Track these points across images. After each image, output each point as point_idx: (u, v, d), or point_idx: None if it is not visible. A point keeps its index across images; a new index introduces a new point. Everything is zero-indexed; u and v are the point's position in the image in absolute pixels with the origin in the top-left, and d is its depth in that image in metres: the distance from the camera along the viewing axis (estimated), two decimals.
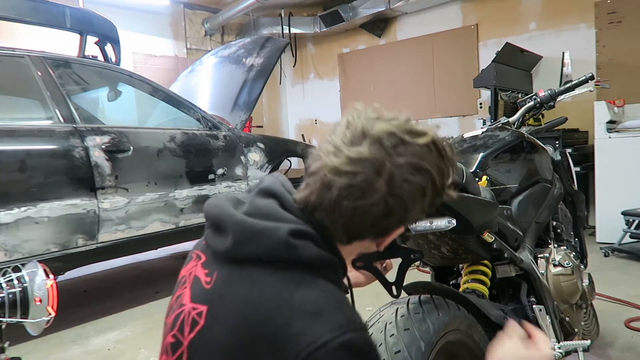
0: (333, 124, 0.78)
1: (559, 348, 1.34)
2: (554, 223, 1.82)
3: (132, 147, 2.87)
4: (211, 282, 0.75)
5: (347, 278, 0.84)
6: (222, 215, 0.77)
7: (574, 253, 1.81)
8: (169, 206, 3.07)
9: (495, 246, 1.25)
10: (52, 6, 3.20)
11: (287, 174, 4.13)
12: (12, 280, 1.29)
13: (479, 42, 5.61)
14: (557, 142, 4.07)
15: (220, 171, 3.37)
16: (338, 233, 0.75)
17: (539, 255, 1.58)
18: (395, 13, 6.17)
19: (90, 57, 3.36)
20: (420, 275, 2.42)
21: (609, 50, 4.68)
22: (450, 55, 5.84)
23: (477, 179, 1.38)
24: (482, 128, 1.82)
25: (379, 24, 6.44)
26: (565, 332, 1.58)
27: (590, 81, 1.95)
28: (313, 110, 7.35)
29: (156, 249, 3.51)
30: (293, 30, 6.68)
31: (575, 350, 1.39)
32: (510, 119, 1.90)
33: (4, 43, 2.86)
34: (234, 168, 3.48)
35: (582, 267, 1.89)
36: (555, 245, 1.73)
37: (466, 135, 1.73)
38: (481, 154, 1.57)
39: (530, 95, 2.00)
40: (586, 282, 1.79)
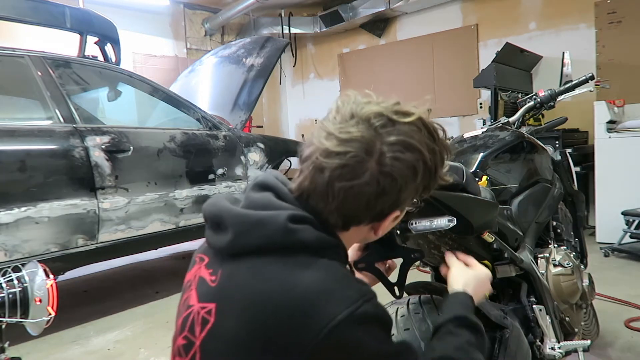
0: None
1: (559, 348, 1.34)
2: (554, 223, 1.82)
3: (132, 147, 2.87)
4: (216, 280, 0.76)
5: (349, 265, 0.85)
6: (221, 211, 0.78)
7: (574, 253, 1.80)
8: (169, 206, 3.07)
9: (495, 246, 1.25)
10: (52, 6, 3.19)
11: (287, 173, 4.13)
12: (12, 280, 1.29)
13: (479, 42, 5.61)
14: (557, 142, 4.07)
15: (220, 171, 3.37)
16: (333, 217, 0.76)
17: (539, 255, 1.58)
18: (395, 13, 6.17)
19: (90, 57, 3.36)
20: (420, 275, 2.42)
21: (609, 50, 4.68)
22: (450, 55, 5.84)
23: (477, 179, 1.38)
24: (482, 128, 1.82)
25: (379, 24, 6.44)
26: (565, 332, 1.57)
27: (590, 81, 1.95)
28: (313, 110, 7.35)
29: (156, 249, 3.50)
30: (293, 30, 6.69)
31: (575, 350, 1.39)
32: (510, 119, 1.91)
33: (4, 43, 2.86)
34: (234, 168, 3.48)
35: (582, 267, 1.89)
36: (555, 245, 1.72)
37: (466, 135, 1.73)
38: (481, 154, 1.57)
39: (530, 95, 2.00)
40: (586, 282, 1.79)
